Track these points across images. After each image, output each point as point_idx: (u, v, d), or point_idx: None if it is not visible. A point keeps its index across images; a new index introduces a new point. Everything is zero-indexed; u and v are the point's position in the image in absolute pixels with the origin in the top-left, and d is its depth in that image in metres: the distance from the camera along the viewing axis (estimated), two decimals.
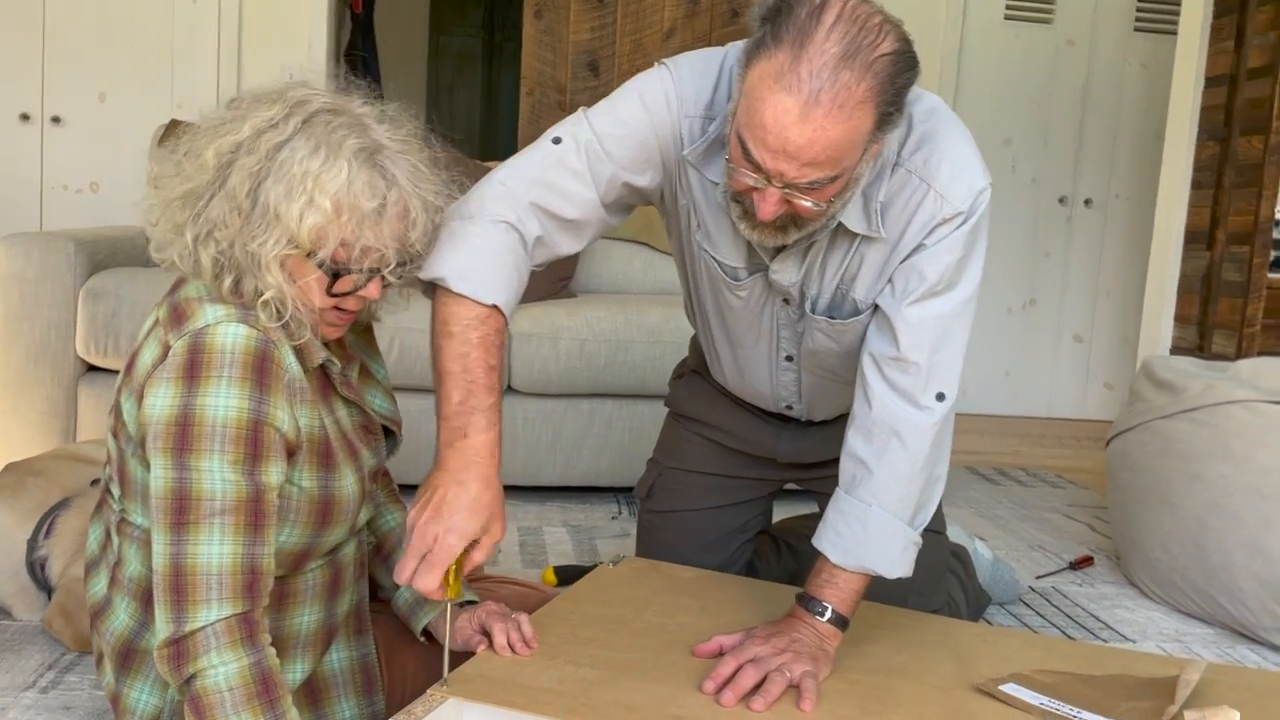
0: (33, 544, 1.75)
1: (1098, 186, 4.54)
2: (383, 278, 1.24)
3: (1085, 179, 4.52)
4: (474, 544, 1.23)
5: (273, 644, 1.28)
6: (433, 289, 1.31)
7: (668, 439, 1.89)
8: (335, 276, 1.20)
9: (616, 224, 1.47)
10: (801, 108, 1.14)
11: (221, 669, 1.10)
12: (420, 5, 6.87)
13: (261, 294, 1.18)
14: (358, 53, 5.66)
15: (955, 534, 2.09)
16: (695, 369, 1.85)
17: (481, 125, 7.13)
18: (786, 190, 1.22)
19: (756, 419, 1.77)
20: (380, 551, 1.48)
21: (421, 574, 1.20)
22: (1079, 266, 4.56)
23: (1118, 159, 4.52)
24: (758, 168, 1.21)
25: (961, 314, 1.38)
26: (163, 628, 1.12)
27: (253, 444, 1.15)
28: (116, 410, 1.24)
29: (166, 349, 1.18)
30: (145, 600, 1.25)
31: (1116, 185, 4.54)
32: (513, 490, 2.81)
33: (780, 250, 1.41)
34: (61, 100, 4.01)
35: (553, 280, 3.04)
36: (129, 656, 1.29)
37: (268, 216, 1.17)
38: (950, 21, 4.35)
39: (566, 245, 1.41)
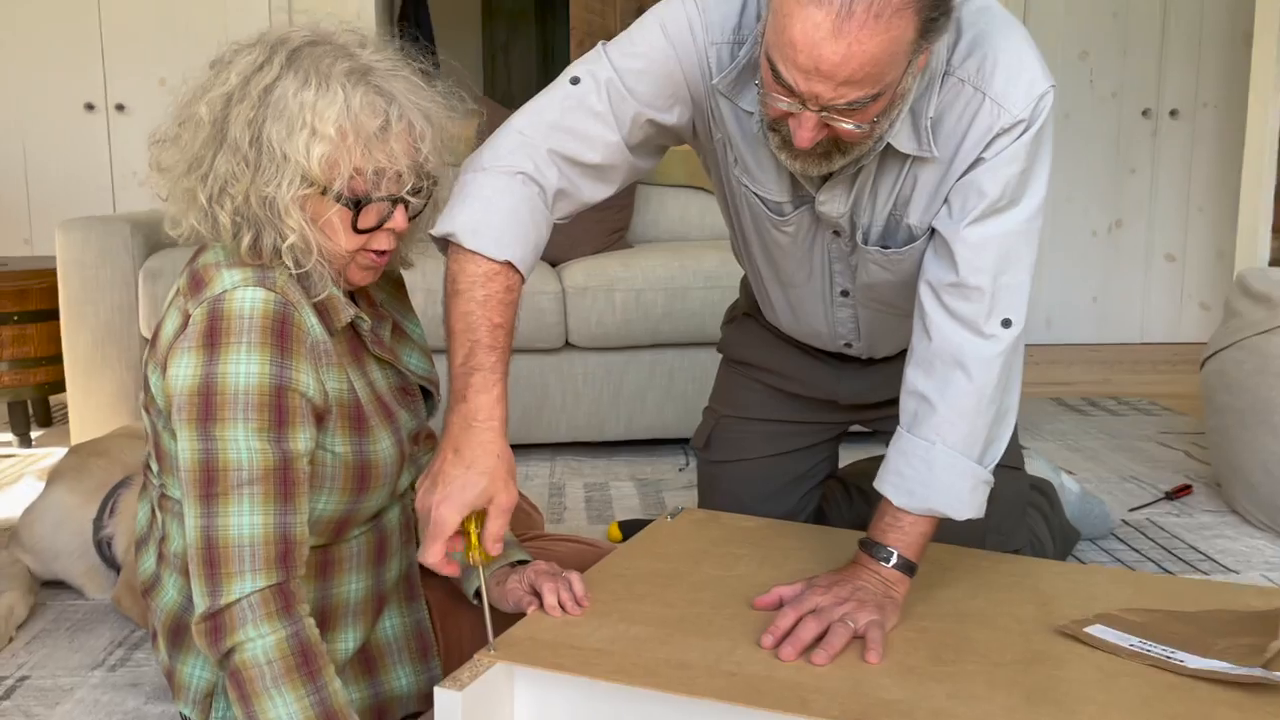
0: (98, 523, 1.76)
1: (1184, 96, 4.27)
2: (406, 205, 1.20)
3: (1170, 89, 4.26)
4: (483, 514, 1.18)
5: (322, 614, 1.27)
6: (446, 245, 1.26)
7: (722, 386, 1.82)
8: (357, 208, 1.16)
9: (647, 167, 1.39)
10: (834, 21, 1.05)
11: (259, 641, 1.07)
12: None
13: (283, 242, 1.14)
14: (409, 24, 5.63)
15: (1040, 468, 1.98)
16: (747, 311, 1.77)
17: (538, 83, 7.05)
18: (824, 113, 1.13)
19: (814, 360, 1.69)
20: None
21: (423, 548, 1.15)
22: (1168, 182, 4.32)
23: (1204, 65, 4.25)
24: (790, 91, 1.12)
25: (1027, 232, 1.27)
26: (199, 602, 1.10)
27: (277, 410, 1.12)
28: (145, 384, 1.22)
29: (187, 318, 1.15)
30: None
31: (1204, 93, 4.27)
32: (578, 446, 2.77)
33: (826, 180, 1.32)
34: (124, 88, 4.06)
35: (608, 232, 2.98)
36: (179, 632, 1.28)
37: (275, 159, 1.13)
38: None
39: (591, 192, 1.34)
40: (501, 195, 1.25)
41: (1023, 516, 1.68)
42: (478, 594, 1.39)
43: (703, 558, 1.48)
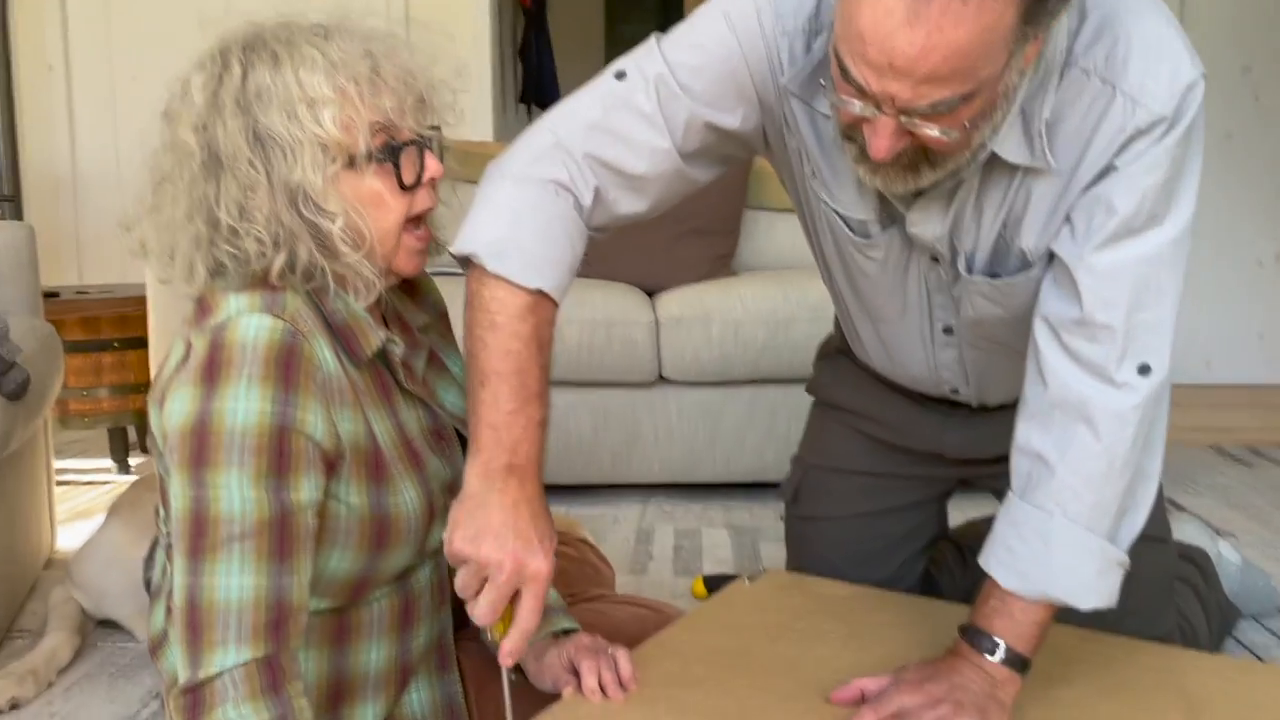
0: (148, 561, 1.68)
1: None
2: (430, 144, 1.10)
3: None
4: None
5: (337, 686, 1.13)
6: (467, 263, 1.11)
7: (813, 431, 1.62)
8: (395, 157, 1.06)
9: (705, 180, 1.20)
10: (909, 4, 0.87)
11: None
12: None
13: (332, 227, 1.04)
14: (531, 54, 5.61)
15: (1192, 533, 1.71)
16: (840, 347, 1.57)
17: None
18: (903, 118, 0.94)
19: (916, 405, 1.47)
20: None
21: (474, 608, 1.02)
22: None
23: None
24: (861, 92, 0.93)
25: (1171, 257, 1.04)
26: (180, 672, 0.97)
27: (277, 454, 0.98)
28: (148, 421, 1.11)
29: (189, 348, 1.04)
30: None
31: None
32: (671, 488, 2.59)
33: (918, 196, 1.11)
34: None
35: (711, 258, 2.80)
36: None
37: (285, 145, 1.02)
38: None
39: (630, 206, 1.15)
40: (533, 211, 1.09)
41: (1169, 595, 1.41)
42: (518, 668, 1.23)
43: (779, 633, 1.28)
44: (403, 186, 1.07)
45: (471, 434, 1.07)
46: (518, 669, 1.23)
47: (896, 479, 1.54)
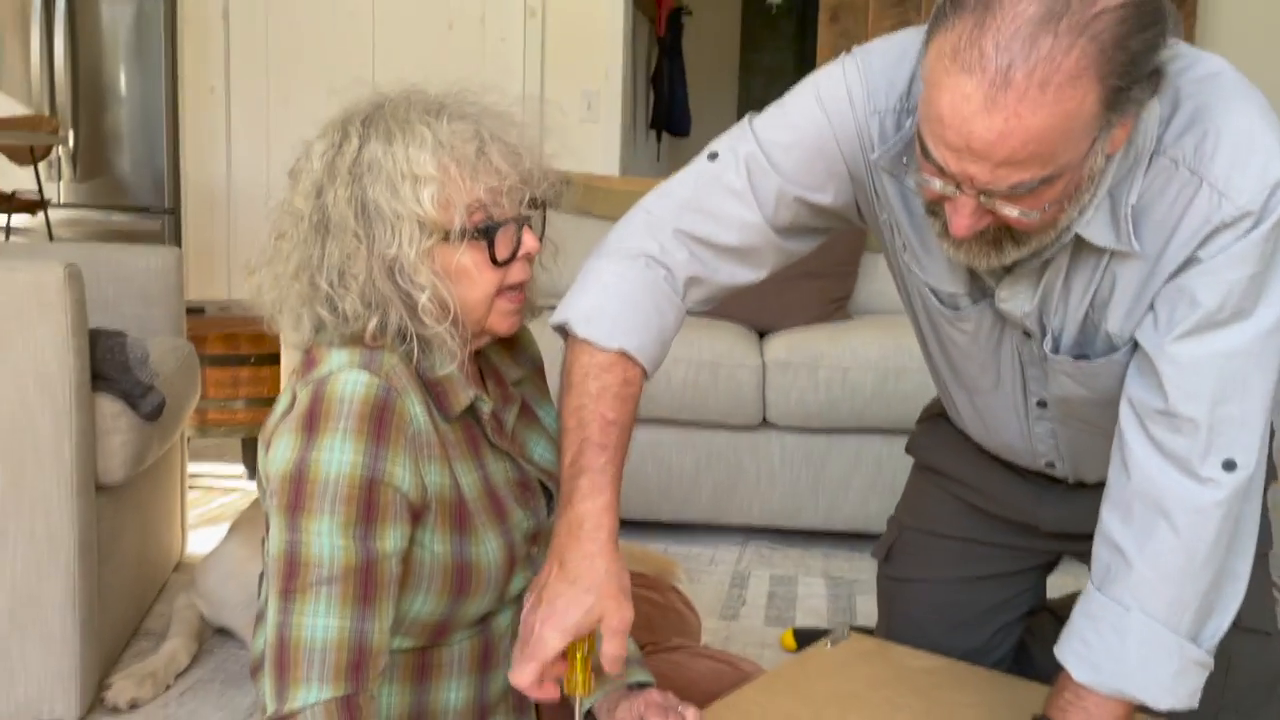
0: (262, 577, 1.78)
1: None
2: (530, 222, 1.14)
3: None
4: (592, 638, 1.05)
5: None
6: (567, 336, 1.16)
7: (910, 492, 1.61)
8: (489, 237, 1.10)
9: (804, 250, 1.23)
10: (987, 91, 0.88)
11: None
12: (730, 23, 6.82)
13: (418, 301, 1.09)
14: (663, 81, 5.69)
15: None
16: (941, 411, 1.55)
17: None
18: (983, 198, 0.95)
19: (1014, 475, 1.45)
20: None
21: (516, 666, 1.04)
22: None
23: None
24: (941, 171, 0.95)
25: (1260, 352, 1.01)
26: (267, 704, 1.03)
27: (366, 505, 1.04)
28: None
29: (294, 398, 1.11)
30: None
31: None
32: (771, 533, 2.59)
33: (1008, 271, 1.11)
34: None
35: (826, 301, 2.79)
36: None
37: (387, 220, 1.08)
38: None
39: (732, 275, 1.19)
40: (619, 280, 1.14)
41: (1272, 694, 1.35)
42: (589, 716, 1.26)
43: (852, 703, 1.28)
44: (495, 261, 1.12)
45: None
46: (590, 717, 1.26)
47: (993, 547, 1.51)
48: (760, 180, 1.14)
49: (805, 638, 1.89)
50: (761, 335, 2.69)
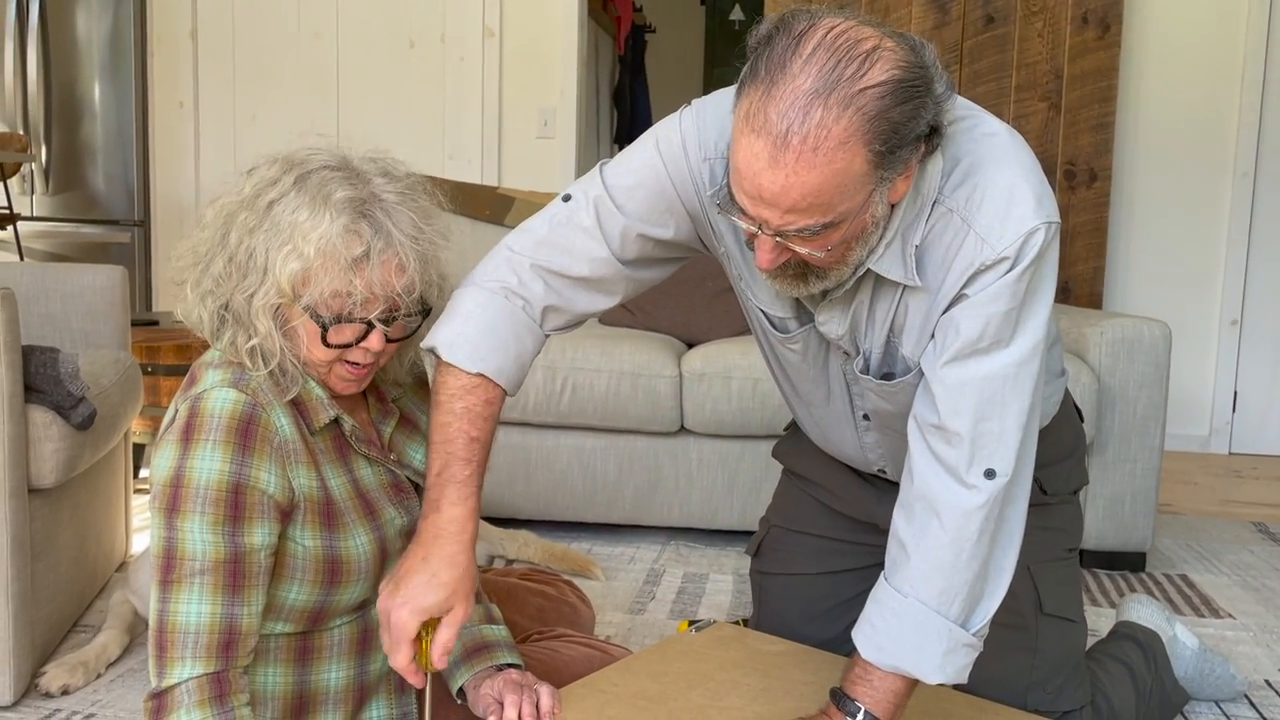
0: None
1: None
2: (384, 331, 1.24)
3: None
4: (437, 621, 1.18)
5: (300, 699, 1.32)
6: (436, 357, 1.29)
7: (778, 494, 1.75)
8: (323, 325, 1.21)
9: (653, 278, 1.37)
10: (771, 151, 1.03)
11: None
12: (694, 39, 6.97)
13: (248, 343, 1.22)
14: (624, 100, 5.82)
15: (1147, 615, 1.75)
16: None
17: None
18: (779, 238, 1.10)
19: (858, 479, 1.60)
20: None
21: (391, 654, 1.18)
22: None
23: None
24: (743, 213, 1.10)
25: (1015, 376, 1.16)
26: (151, 680, 1.17)
27: (233, 506, 1.18)
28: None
29: (176, 412, 1.24)
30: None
31: None
32: (689, 532, 2.73)
33: (824, 298, 1.26)
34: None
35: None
36: None
37: (259, 268, 1.21)
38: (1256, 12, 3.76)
39: (587, 304, 1.33)
40: (482, 309, 1.27)
41: (1077, 672, 1.49)
42: (461, 692, 1.40)
43: (699, 682, 1.41)
44: (327, 345, 1.22)
45: None
46: (462, 694, 1.39)
47: (846, 544, 1.65)
48: (607, 219, 1.29)
49: (700, 629, 2.02)
50: (690, 346, 2.83)
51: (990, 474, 1.16)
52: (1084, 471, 1.57)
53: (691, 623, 2.07)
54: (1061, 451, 1.52)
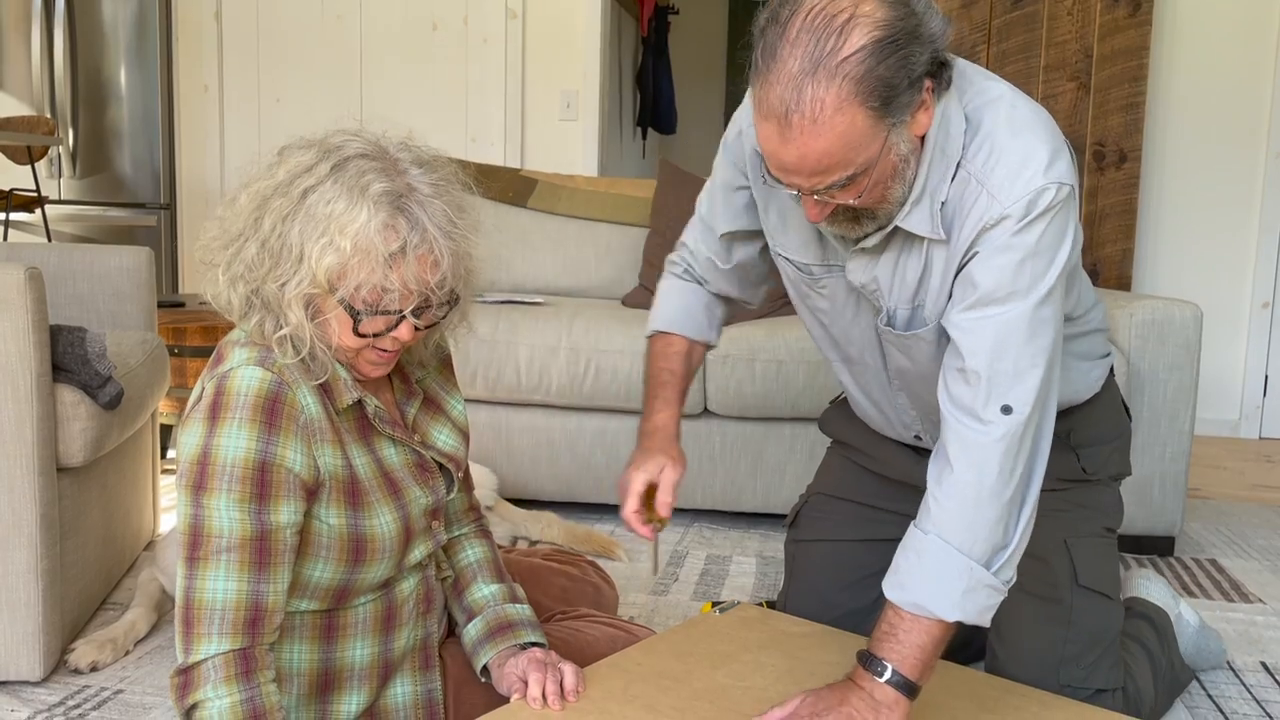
0: None
1: None
2: (414, 321, 1.24)
3: None
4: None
5: (325, 675, 1.32)
6: None
7: (822, 467, 1.80)
8: (356, 317, 1.21)
9: (751, 256, 1.56)
10: (779, 130, 1.15)
11: (216, 702, 1.14)
12: (718, 21, 6.92)
13: (279, 331, 1.21)
14: (647, 80, 5.79)
15: (1157, 593, 1.74)
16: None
17: None
18: (817, 196, 1.19)
19: (898, 445, 1.63)
20: (457, 586, 1.47)
21: (623, 506, 1.43)
22: None
23: None
24: (780, 183, 1.21)
25: (1030, 321, 1.21)
26: (178, 656, 1.18)
27: (259, 484, 1.18)
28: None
29: (203, 390, 1.24)
30: None
31: None
32: (715, 515, 2.72)
33: (858, 244, 1.33)
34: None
35: (773, 298, 2.92)
36: None
37: (293, 258, 1.20)
38: None
39: (720, 287, 1.61)
40: (666, 291, 1.62)
41: (1111, 651, 1.47)
42: (485, 670, 1.40)
43: (724, 662, 1.41)
44: (358, 334, 1.22)
45: None
46: (485, 672, 1.39)
47: (886, 513, 1.65)
48: (707, 202, 1.56)
49: (723, 611, 2.02)
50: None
51: (1007, 409, 1.20)
52: (1127, 461, 1.60)
53: (715, 604, 2.08)
54: (1103, 434, 1.55)
